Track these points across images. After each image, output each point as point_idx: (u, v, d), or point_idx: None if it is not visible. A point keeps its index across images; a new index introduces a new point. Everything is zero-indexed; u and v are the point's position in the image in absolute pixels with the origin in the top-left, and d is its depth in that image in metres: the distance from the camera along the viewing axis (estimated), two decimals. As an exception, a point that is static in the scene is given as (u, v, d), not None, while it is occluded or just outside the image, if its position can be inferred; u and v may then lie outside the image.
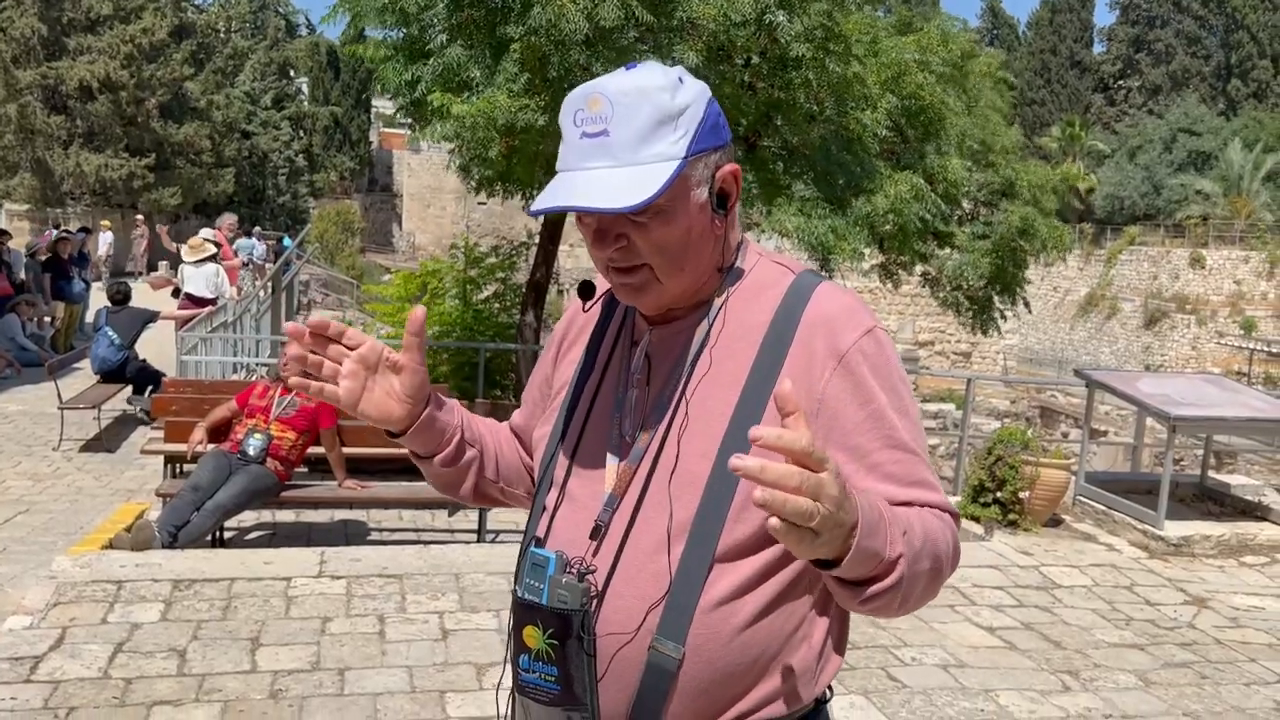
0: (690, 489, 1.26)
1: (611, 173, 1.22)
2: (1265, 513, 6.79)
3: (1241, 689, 4.37)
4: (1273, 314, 33.13)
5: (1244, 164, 40.47)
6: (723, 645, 1.25)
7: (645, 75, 1.25)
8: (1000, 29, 62.75)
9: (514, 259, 11.93)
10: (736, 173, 1.33)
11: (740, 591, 1.25)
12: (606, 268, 1.32)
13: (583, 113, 1.25)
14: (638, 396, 1.37)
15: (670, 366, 1.35)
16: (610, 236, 1.28)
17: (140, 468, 7.64)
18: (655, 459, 1.30)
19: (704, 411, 1.29)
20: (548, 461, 1.43)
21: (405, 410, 1.39)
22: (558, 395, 1.48)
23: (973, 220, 10.61)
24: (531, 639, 1.29)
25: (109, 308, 10.00)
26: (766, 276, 1.37)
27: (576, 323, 1.53)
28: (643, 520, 1.29)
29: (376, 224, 52.88)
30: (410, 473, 7.00)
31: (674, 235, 1.27)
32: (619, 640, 1.26)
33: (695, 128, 1.25)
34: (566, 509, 1.37)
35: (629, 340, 1.42)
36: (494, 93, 6.73)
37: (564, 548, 1.32)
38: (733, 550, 1.25)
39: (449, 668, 4.03)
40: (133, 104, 28.82)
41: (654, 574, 1.26)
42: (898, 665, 4.34)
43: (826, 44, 7.27)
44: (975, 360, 38.54)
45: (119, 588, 4.62)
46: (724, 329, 1.33)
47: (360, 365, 1.37)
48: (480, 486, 1.55)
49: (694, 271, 1.31)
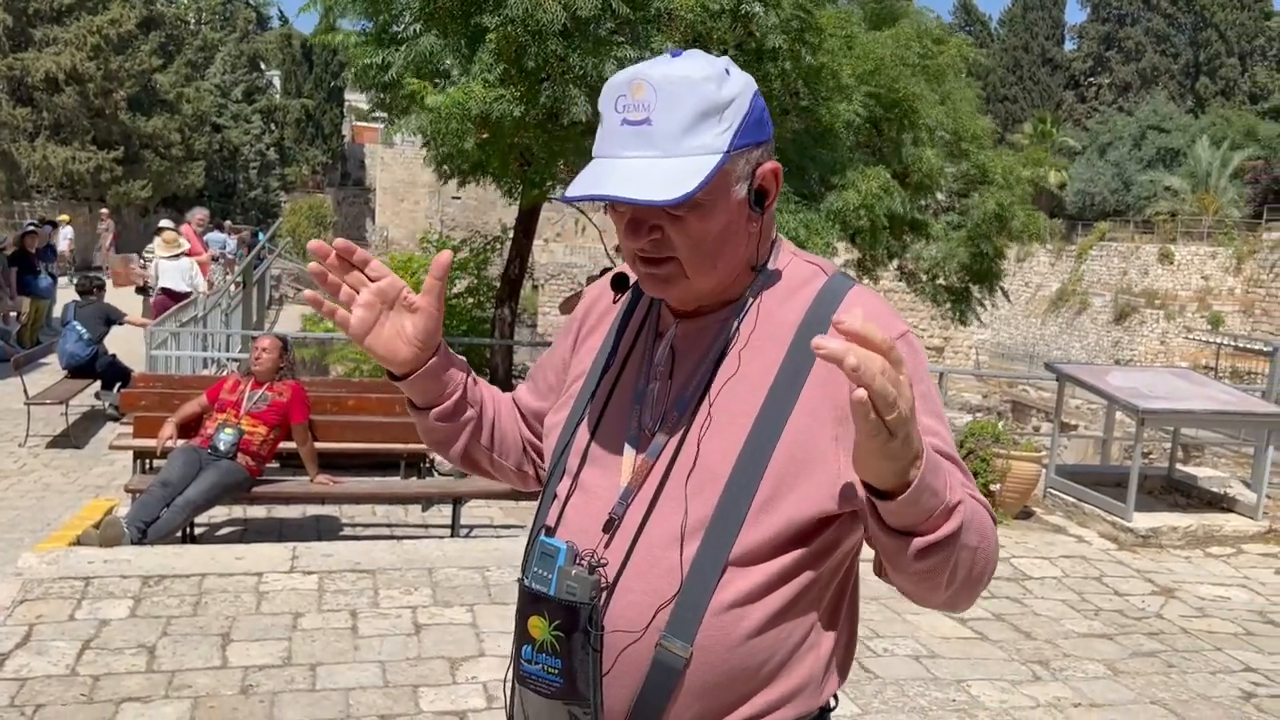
0: (709, 488, 1.23)
1: (653, 163, 1.19)
2: (1231, 504, 6.89)
3: (1207, 677, 4.42)
4: (1239, 309, 33.54)
5: (1211, 161, 40.92)
6: (730, 649, 1.23)
7: (692, 64, 1.22)
8: (973, 25, 63.11)
9: (487, 253, 11.88)
10: (777, 171, 1.29)
11: (752, 597, 1.23)
12: (634, 257, 1.28)
13: (625, 99, 1.21)
14: (659, 389, 1.33)
15: (695, 362, 1.32)
16: (645, 228, 1.25)
17: (109, 463, 7.55)
18: (675, 454, 1.27)
19: (728, 410, 1.26)
20: (561, 449, 1.39)
21: (412, 353, 1.37)
22: (574, 382, 1.45)
23: (948, 211, 10.67)
24: (536, 629, 1.26)
25: (77, 301, 9.88)
26: (798, 276, 1.34)
27: (596, 308, 1.49)
28: (658, 516, 1.26)
29: (349, 218, 52.49)
30: (383, 468, 6.98)
31: (710, 231, 1.24)
32: (627, 638, 1.23)
33: (740, 121, 1.22)
34: (579, 499, 1.33)
35: (653, 331, 1.39)
36: (469, 83, 6.70)
37: (575, 538, 1.28)
38: (747, 555, 1.22)
39: (422, 662, 4.01)
40: (100, 96, 28.47)
41: (666, 570, 1.23)
42: (870, 656, 4.36)
43: (802, 35, 7.30)
44: (948, 355, 38.76)
45: (87, 584, 4.57)
46: (754, 329, 1.30)
47: (377, 298, 1.36)
48: (470, 450, 1.52)
49: (725, 269, 1.28)
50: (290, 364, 6.14)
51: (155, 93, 31.61)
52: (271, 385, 5.91)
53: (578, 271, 36.23)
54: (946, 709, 3.94)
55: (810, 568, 1.25)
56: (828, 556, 1.27)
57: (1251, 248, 34.07)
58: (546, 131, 7.30)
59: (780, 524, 1.22)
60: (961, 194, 10.59)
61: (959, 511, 1.11)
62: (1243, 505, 6.80)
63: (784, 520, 1.22)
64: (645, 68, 1.23)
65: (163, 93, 31.82)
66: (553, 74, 6.83)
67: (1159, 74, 56.37)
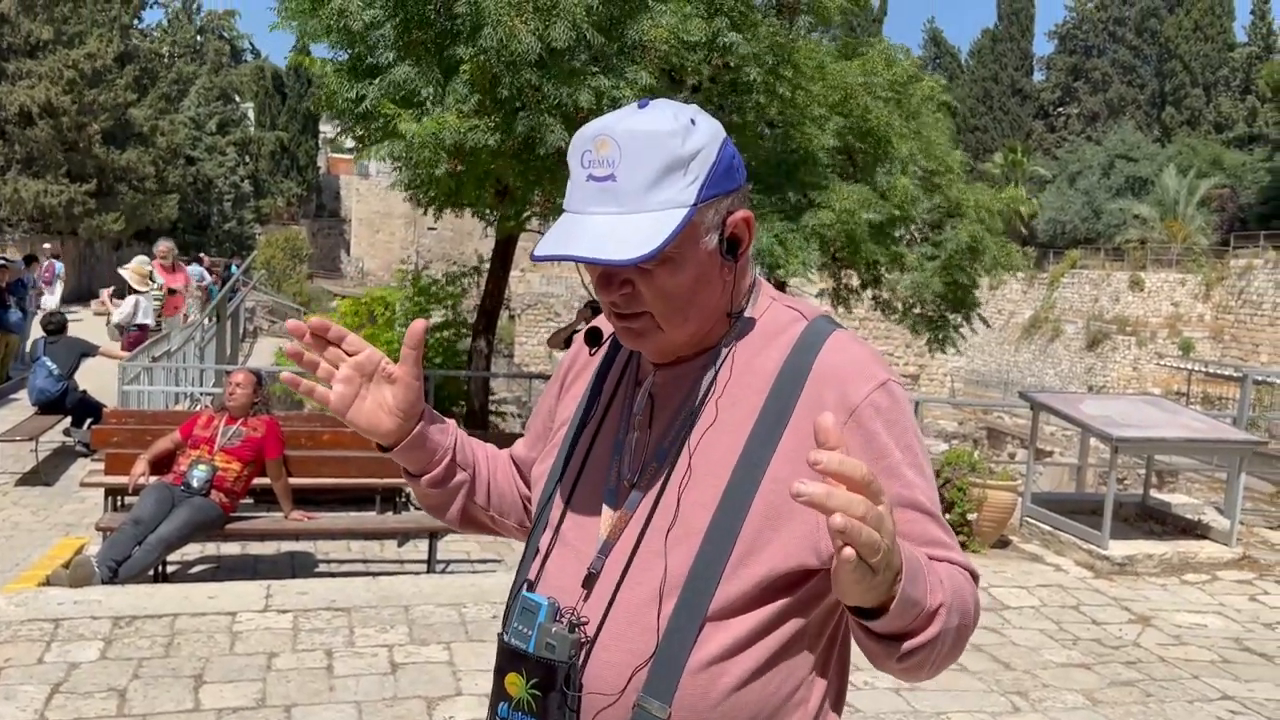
0: (687, 541, 1.21)
1: (618, 219, 1.18)
2: (1205, 531, 6.94)
3: (1185, 706, 4.44)
4: (1209, 335, 33.98)
5: (1179, 189, 41.61)
6: (712, 707, 1.20)
7: (656, 118, 1.21)
8: (943, 57, 64.13)
9: (463, 282, 11.86)
10: (749, 219, 1.28)
11: (732, 651, 1.20)
12: (609, 311, 1.28)
13: (590, 154, 1.21)
14: (638, 439, 1.32)
15: (673, 411, 1.31)
16: (616, 282, 1.24)
17: (79, 501, 7.45)
18: (653, 507, 1.25)
19: (706, 462, 1.24)
20: (545, 501, 1.38)
21: (395, 424, 1.36)
22: (558, 431, 1.44)
23: (922, 242, 10.78)
24: (514, 687, 1.24)
25: (46, 338, 9.78)
26: (777, 323, 1.32)
27: (582, 357, 1.48)
28: (636, 571, 1.23)
29: (324, 250, 52.43)
30: (358, 502, 6.92)
31: (681, 283, 1.23)
32: (604, 700, 1.21)
33: (706, 172, 1.21)
34: (560, 553, 1.32)
35: (633, 380, 1.38)
36: (442, 113, 6.72)
37: (555, 593, 1.27)
38: (726, 608, 1.20)
39: (398, 702, 3.96)
40: (74, 129, 28.31)
41: (644, 629, 1.21)
42: (851, 690, 4.30)
43: (777, 69, 7.36)
44: (923, 382, 38.99)
45: (56, 626, 4.49)
46: (730, 378, 1.28)
47: (356, 372, 1.35)
48: (469, 511, 1.51)
49: (698, 319, 1.27)
50: (265, 399, 6.10)
51: (129, 126, 31.48)
52: (246, 420, 5.86)
53: (555, 301, 36.22)
54: (927, 742, 3.93)
55: (797, 615, 1.23)
56: (815, 605, 1.25)
57: (1220, 274, 34.61)
58: (522, 161, 7.32)
59: (760, 575, 1.20)
60: (935, 225, 10.70)
61: (940, 613, 1.13)
62: (1216, 532, 6.85)
63: (764, 571, 1.20)
64: (611, 121, 1.22)
65: (137, 126, 31.71)
66: (528, 103, 6.86)
67: (1126, 104, 57.38)
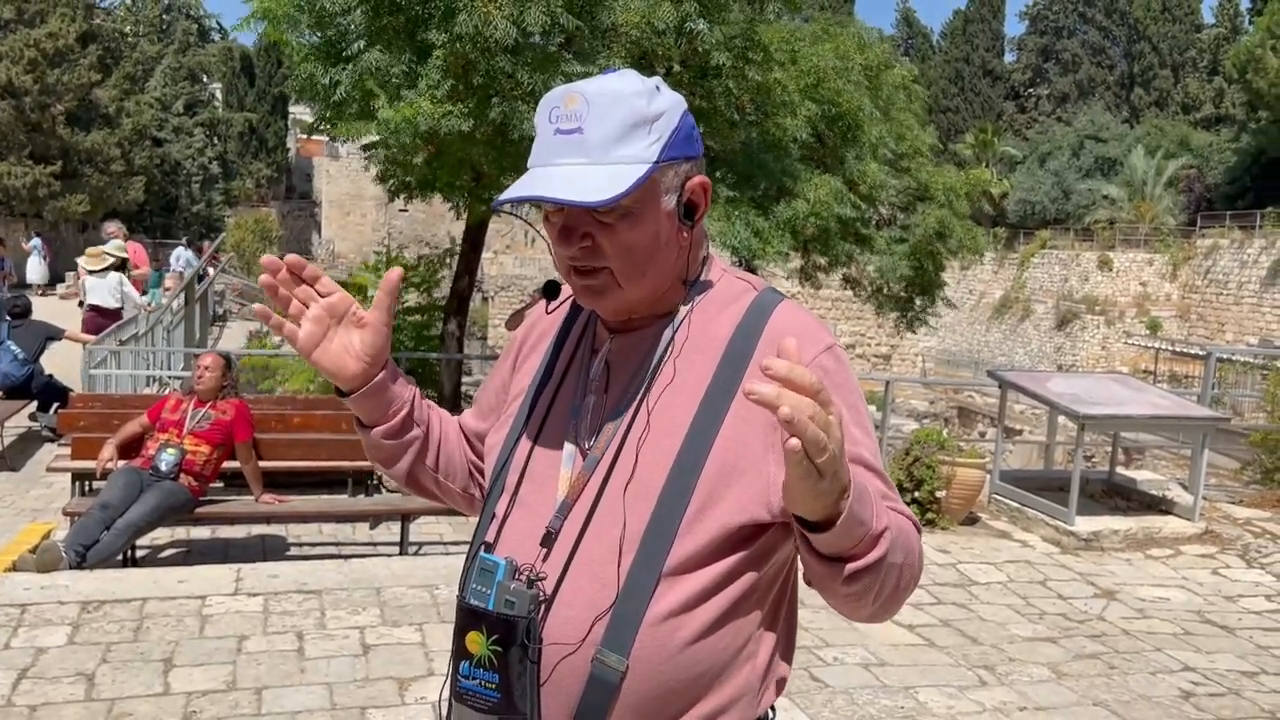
0: (645, 499, 1.25)
1: (583, 169, 1.23)
2: (1170, 506, 7.05)
3: (1148, 678, 4.52)
4: (1176, 314, 34.40)
5: (1147, 170, 42.00)
6: (667, 659, 1.23)
7: (623, 80, 1.27)
8: (915, 38, 64.26)
9: (436, 267, 11.79)
10: (706, 185, 1.33)
11: (688, 606, 1.23)
12: (569, 269, 1.31)
13: (559, 109, 1.26)
14: (595, 403, 1.35)
15: (630, 375, 1.34)
16: (576, 235, 1.28)
17: (46, 486, 7.37)
18: (610, 466, 1.29)
19: (663, 420, 1.28)
20: (500, 468, 1.41)
21: (360, 369, 1.38)
22: (514, 402, 1.47)
23: (890, 225, 10.84)
24: (474, 645, 1.26)
25: (10, 321, 9.65)
26: (730, 291, 1.37)
27: (536, 329, 1.52)
28: (595, 528, 1.27)
29: (295, 232, 51.92)
30: (329, 485, 6.89)
31: (639, 239, 1.27)
32: (563, 650, 1.24)
33: (669, 135, 1.27)
34: (517, 515, 1.34)
35: (589, 348, 1.41)
36: (416, 99, 6.67)
37: (514, 554, 1.29)
38: (682, 563, 1.23)
39: (370, 683, 3.97)
40: (37, 110, 27.86)
41: (603, 583, 1.24)
42: (820, 665, 4.39)
43: (746, 53, 7.36)
44: (895, 362, 39.31)
45: (23, 611, 4.46)
46: (688, 339, 1.32)
47: (326, 313, 1.37)
48: (415, 471, 1.52)
49: (655, 279, 1.31)
50: (234, 382, 6.05)
51: (94, 107, 31.02)
52: (215, 404, 5.81)
53: (527, 283, 36.14)
54: (895, 716, 3.98)
55: (750, 570, 1.27)
56: (767, 560, 1.29)
57: (1186, 254, 35.01)
58: (495, 148, 7.29)
59: (714, 531, 1.23)
60: (903, 208, 10.77)
61: (885, 536, 1.16)
62: (1180, 507, 6.96)
63: (718, 527, 1.24)
64: (579, 83, 1.28)
65: (102, 107, 31.24)
66: (501, 90, 6.83)
67: (1095, 85, 57.77)
